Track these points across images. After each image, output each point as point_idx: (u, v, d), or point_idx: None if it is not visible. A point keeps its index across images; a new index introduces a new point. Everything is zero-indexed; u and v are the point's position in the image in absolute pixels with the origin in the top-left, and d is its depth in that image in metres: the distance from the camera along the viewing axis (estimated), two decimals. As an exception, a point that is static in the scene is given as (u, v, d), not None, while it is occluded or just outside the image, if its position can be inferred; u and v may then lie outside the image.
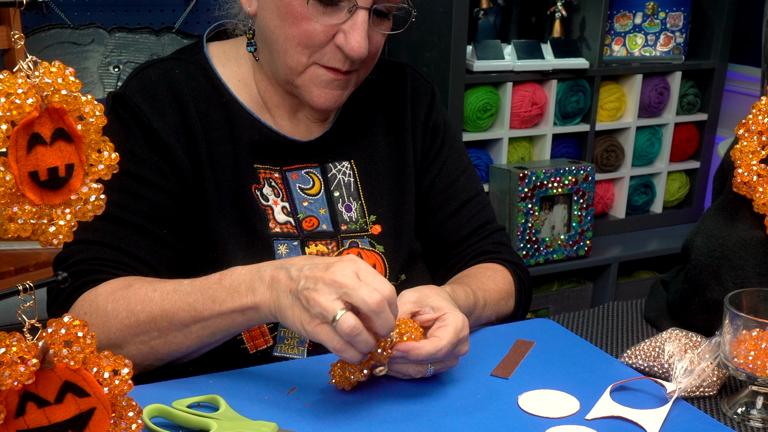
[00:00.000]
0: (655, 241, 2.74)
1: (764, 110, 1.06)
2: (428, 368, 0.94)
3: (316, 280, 0.85)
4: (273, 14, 1.05)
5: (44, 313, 1.01)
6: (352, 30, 1.02)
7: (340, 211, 1.17)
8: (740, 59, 2.81)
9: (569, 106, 2.53)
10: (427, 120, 1.25)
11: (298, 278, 0.87)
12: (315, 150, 1.18)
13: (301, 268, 0.88)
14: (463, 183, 1.26)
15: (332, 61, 1.05)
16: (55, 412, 0.70)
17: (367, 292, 0.83)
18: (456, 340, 0.92)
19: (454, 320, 0.93)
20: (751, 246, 1.08)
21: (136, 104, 1.07)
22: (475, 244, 1.24)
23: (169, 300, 0.95)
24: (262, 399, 0.94)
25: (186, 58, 1.15)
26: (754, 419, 0.96)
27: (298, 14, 1.02)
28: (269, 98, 1.15)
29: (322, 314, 0.84)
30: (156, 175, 1.07)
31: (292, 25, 1.03)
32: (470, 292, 1.09)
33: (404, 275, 1.19)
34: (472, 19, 2.43)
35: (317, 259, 0.89)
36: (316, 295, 0.84)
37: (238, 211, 1.11)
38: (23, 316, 0.67)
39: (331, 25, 1.03)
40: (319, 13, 1.02)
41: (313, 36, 1.03)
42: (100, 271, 1.02)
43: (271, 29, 1.06)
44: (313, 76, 1.07)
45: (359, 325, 0.83)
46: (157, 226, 1.06)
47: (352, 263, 0.86)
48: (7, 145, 0.62)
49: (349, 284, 0.83)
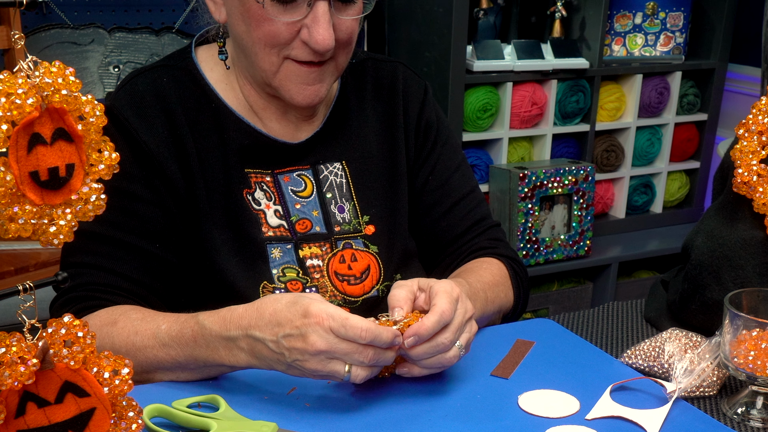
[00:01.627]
0: (655, 241, 2.74)
1: (764, 110, 1.06)
2: (457, 350, 0.93)
3: (302, 352, 0.86)
4: (239, 20, 1.05)
5: (44, 313, 1.02)
6: (314, 24, 1.02)
7: (333, 212, 1.17)
8: (740, 59, 2.81)
9: (569, 106, 2.53)
10: (420, 117, 1.25)
11: (281, 351, 0.88)
12: (306, 152, 1.18)
13: (276, 340, 0.88)
14: (457, 180, 1.26)
15: (302, 56, 1.05)
16: (55, 412, 0.70)
17: (357, 352, 0.86)
18: (454, 301, 0.92)
19: (441, 286, 0.93)
20: (751, 246, 1.08)
21: (125, 117, 1.08)
22: (470, 241, 1.24)
23: (150, 349, 0.96)
24: (262, 399, 0.94)
25: (174, 64, 1.15)
26: (754, 419, 0.96)
27: (259, 16, 1.02)
28: (253, 102, 1.15)
29: (327, 377, 0.88)
30: (146, 190, 1.07)
31: (256, 28, 1.03)
32: (465, 284, 1.08)
33: (399, 275, 1.19)
34: (472, 19, 2.43)
35: (283, 322, 0.88)
36: (312, 367, 0.87)
37: (230, 217, 1.11)
38: (23, 316, 0.67)
39: (293, 23, 1.02)
40: (278, 12, 1.02)
41: (278, 36, 1.03)
42: (94, 297, 1.03)
43: (240, 35, 1.07)
44: (287, 73, 1.07)
45: (370, 371, 0.89)
46: (149, 242, 1.07)
47: (319, 325, 0.86)
48: (8, 145, 0.62)
49: (337, 351, 0.86)
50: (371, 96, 1.23)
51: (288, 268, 1.12)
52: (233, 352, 0.92)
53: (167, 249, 1.09)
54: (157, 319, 0.98)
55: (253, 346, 0.90)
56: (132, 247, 1.06)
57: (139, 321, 0.99)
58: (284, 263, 1.12)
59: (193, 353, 0.94)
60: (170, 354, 0.95)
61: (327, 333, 0.85)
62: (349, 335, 0.85)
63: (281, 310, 0.89)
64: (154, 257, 1.07)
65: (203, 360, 0.94)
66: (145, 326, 0.97)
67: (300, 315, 0.87)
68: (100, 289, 1.04)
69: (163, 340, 0.96)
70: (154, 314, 1.00)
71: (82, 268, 1.05)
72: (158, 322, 0.97)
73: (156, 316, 0.99)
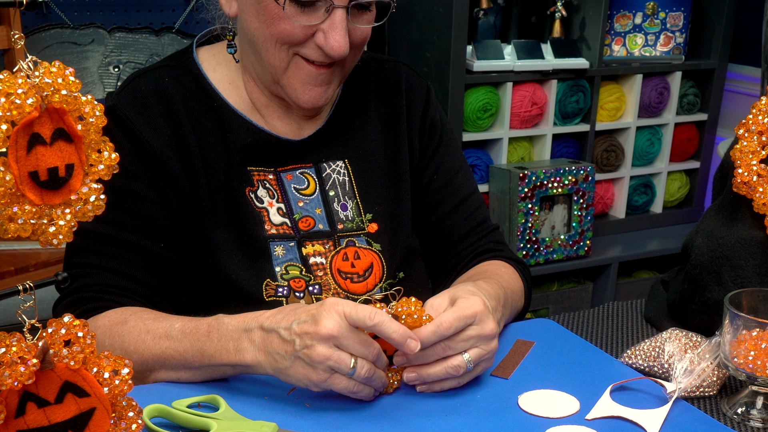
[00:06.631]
0: (655, 241, 2.74)
1: (764, 110, 1.06)
2: (465, 362, 0.93)
3: (312, 336, 0.86)
4: (252, 16, 1.05)
5: (44, 313, 1.01)
6: (331, 30, 1.02)
7: (336, 210, 1.17)
8: (740, 59, 2.81)
9: (569, 106, 2.53)
10: (424, 117, 1.25)
11: (292, 339, 0.88)
12: (309, 149, 1.18)
13: (289, 326, 0.88)
14: (460, 180, 1.26)
15: (313, 56, 1.05)
16: (55, 412, 0.70)
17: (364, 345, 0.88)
18: (462, 317, 0.91)
19: (464, 303, 0.93)
20: (751, 246, 1.08)
21: (127, 117, 1.08)
22: (475, 243, 1.24)
23: (160, 345, 0.96)
24: (262, 399, 0.94)
25: (176, 64, 1.15)
26: (754, 419, 0.96)
27: (276, 15, 1.02)
28: (257, 99, 1.15)
29: (331, 368, 0.87)
30: (150, 189, 1.08)
31: (271, 26, 1.03)
32: (498, 286, 1.08)
33: (402, 273, 1.19)
34: (472, 19, 2.43)
35: (300, 311, 0.90)
36: (321, 353, 0.86)
37: (232, 215, 1.11)
38: (23, 316, 0.67)
39: (310, 26, 1.03)
40: (296, 14, 1.02)
41: (292, 35, 1.03)
42: (100, 299, 1.03)
43: (252, 31, 1.06)
44: (296, 71, 1.07)
45: (374, 368, 0.89)
46: (153, 242, 1.07)
47: (334, 306, 0.87)
48: (7, 145, 0.62)
49: (345, 339, 0.86)
50: (374, 95, 1.24)
51: (291, 265, 1.12)
52: (241, 346, 0.92)
53: (171, 248, 1.09)
54: (170, 319, 0.99)
55: (264, 338, 0.90)
56: (136, 247, 1.06)
57: (151, 320, 0.99)
58: (287, 261, 1.12)
59: (203, 348, 0.94)
60: (178, 350, 0.95)
61: (339, 317, 0.86)
62: (360, 316, 0.86)
63: (301, 305, 0.92)
64: (158, 257, 1.08)
65: (209, 356, 0.93)
66: (158, 324, 0.98)
67: (317, 305, 0.89)
68: (105, 290, 1.04)
69: (175, 336, 0.96)
70: (166, 315, 1.01)
71: (86, 269, 1.05)
72: (171, 321, 0.98)
73: (169, 317, 1.00)
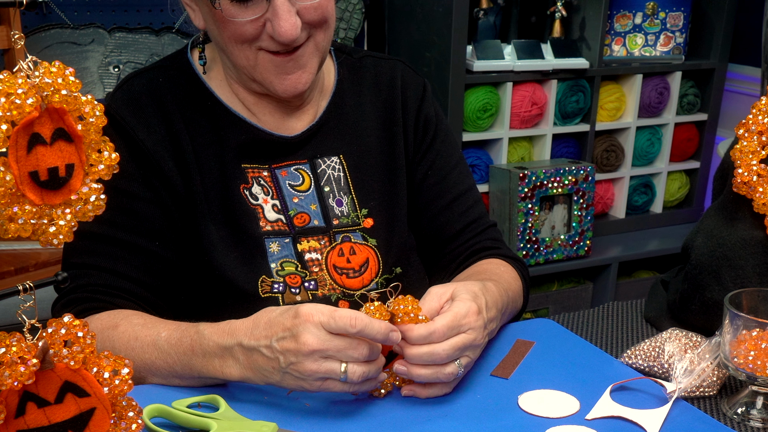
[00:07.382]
0: (655, 241, 2.74)
1: (764, 110, 1.06)
2: (456, 367, 0.93)
3: (296, 354, 0.86)
4: (211, 24, 1.07)
5: (44, 313, 1.02)
6: (275, 17, 1.02)
7: (331, 206, 1.17)
8: (740, 59, 2.81)
9: (569, 106, 2.53)
10: (419, 113, 1.25)
11: (275, 356, 0.88)
12: (303, 146, 1.18)
13: (269, 344, 0.88)
14: (455, 177, 1.26)
15: (272, 47, 1.06)
16: (55, 412, 0.70)
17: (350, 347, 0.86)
18: (454, 324, 0.91)
19: (457, 307, 0.93)
20: (751, 246, 1.08)
21: (121, 117, 1.09)
22: (470, 240, 1.24)
23: (149, 355, 0.96)
24: (262, 399, 0.94)
25: (170, 64, 1.16)
26: (754, 419, 0.96)
27: (222, 18, 1.03)
28: (244, 98, 1.16)
29: (322, 377, 0.87)
30: (145, 189, 1.08)
31: (224, 29, 1.04)
32: (503, 290, 1.08)
33: (399, 268, 1.19)
34: (472, 19, 2.43)
35: (275, 326, 0.88)
36: (308, 368, 0.86)
37: (227, 213, 1.12)
38: (23, 316, 0.67)
39: (255, 19, 1.03)
40: (238, 12, 1.02)
41: (243, 34, 1.04)
42: (94, 299, 1.04)
43: (215, 37, 1.08)
44: (265, 64, 1.07)
45: (367, 368, 0.88)
46: (149, 241, 1.08)
47: (309, 322, 0.86)
48: (7, 145, 0.62)
49: (330, 348, 0.85)
50: (369, 91, 1.24)
51: (286, 261, 1.12)
52: (227, 363, 0.92)
53: (166, 247, 1.09)
54: (158, 326, 0.98)
55: (248, 356, 0.90)
56: (132, 246, 1.07)
57: (140, 327, 0.99)
58: (283, 257, 1.12)
59: (190, 362, 0.94)
60: (167, 361, 0.95)
61: (318, 329, 0.85)
62: (339, 326, 0.85)
63: (275, 317, 0.89)
64: (154, 255, 1.08)
65: (198, 370, 0.94)
66: (146, 332, 0.98)
67: (291, 317, 0.87)
68: (102, 291, 1.05)
69: (162, 347, 0.96)
70: (156, 321, 1.01)
71: (83, 269, 1.05)
72: (159, 329, 0.98)
73: (157, 323, 0.99)
